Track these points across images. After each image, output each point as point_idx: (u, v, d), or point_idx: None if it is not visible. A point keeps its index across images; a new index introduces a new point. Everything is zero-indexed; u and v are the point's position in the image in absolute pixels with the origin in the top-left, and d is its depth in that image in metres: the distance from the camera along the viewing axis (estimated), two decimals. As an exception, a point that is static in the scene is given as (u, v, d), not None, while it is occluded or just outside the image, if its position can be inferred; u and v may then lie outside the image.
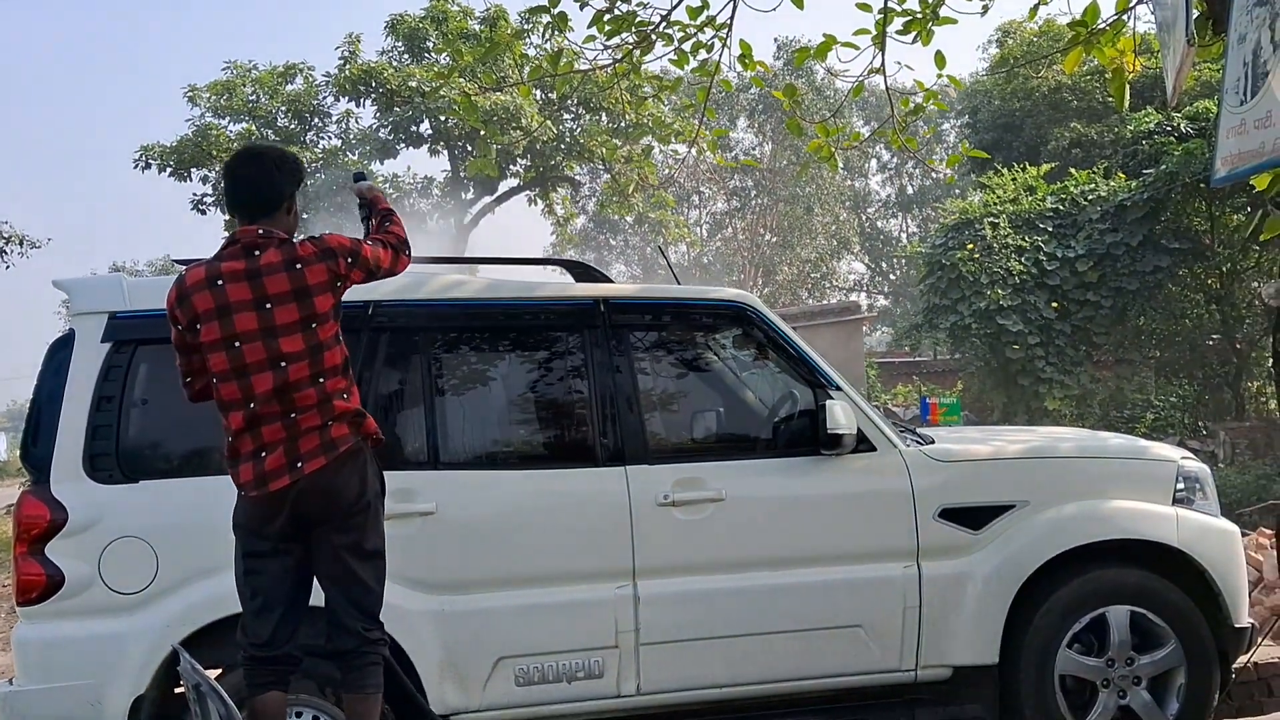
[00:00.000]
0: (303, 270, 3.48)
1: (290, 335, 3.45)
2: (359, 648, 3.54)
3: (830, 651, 4.38)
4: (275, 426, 3.45)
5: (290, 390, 3.44)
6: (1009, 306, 15.66)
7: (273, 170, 3.63)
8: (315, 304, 3.48)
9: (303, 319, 3.47)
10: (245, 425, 3.47)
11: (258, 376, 3.44)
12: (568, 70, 7.47)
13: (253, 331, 3.44)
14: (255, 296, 3.45)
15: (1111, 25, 6.46)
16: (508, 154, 17.74)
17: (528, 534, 4.20)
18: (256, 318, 3.44)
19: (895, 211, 44.13)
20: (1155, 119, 16.73)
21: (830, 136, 7.24)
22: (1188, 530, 4.62)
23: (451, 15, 18.33)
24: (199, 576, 3.94)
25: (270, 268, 3.47)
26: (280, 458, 3.44)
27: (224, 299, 3.45)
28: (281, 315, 3.45)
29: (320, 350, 3.49)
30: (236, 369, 3.45)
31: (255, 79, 18.43)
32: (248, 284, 3.46)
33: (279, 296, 3.45)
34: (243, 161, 3.71)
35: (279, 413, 3.45)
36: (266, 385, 3.44)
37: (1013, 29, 25.31)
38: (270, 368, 3.44)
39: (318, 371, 3.48)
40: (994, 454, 4.73)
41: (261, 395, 3.44)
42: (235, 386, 3.46)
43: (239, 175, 3.66)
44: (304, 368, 3.46)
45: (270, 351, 3.44)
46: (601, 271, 4.88)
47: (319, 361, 3.48)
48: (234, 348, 3.45)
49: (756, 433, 4.76)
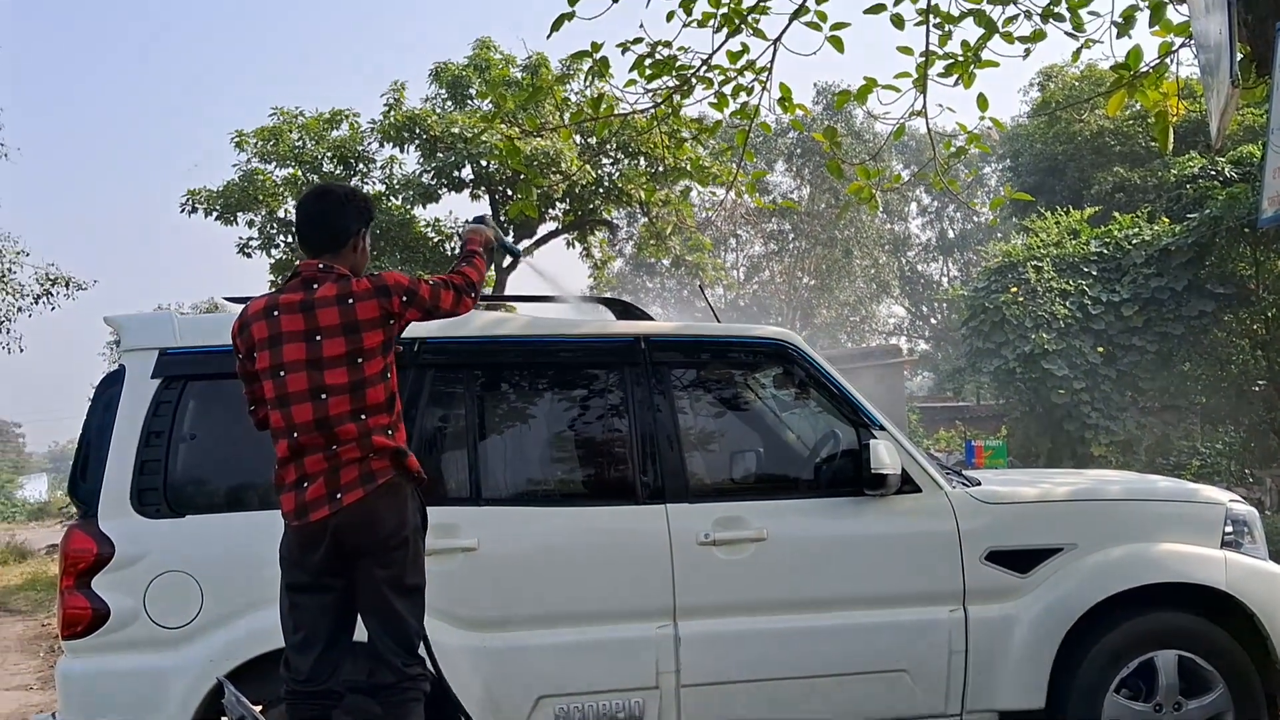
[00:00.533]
0: (354, 305, 3.55)
1: (335, 368, 3.50)
2: (399, 683, 3.54)
3: (874, 696, 4.32)
4: (317, 457, 3.50)
5: (331, 423, 3.49)
6: (1054, 350, 15.51)
7: (339, 207, 3.74)
8: (363, 339, 3.54)
9: (349, 353, 3.52)
10: (290, 454, 3.53)
11: (298, 406, 3.50)
12: (608, 114, 7.56)
13: (298, 361, 3.51)
14: (306, 328, 3.53)
15: (1154, 69, 6.46)
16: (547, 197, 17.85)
17: (568, 572, 4.19)
18: (304, 348, 3.51)
19: (936, 255, 43.97)
20: (1199, 163, 16.61)
21: (871, 179, 7.25)
22: (1236, 574, 4.54)
23: (494, 63, 18.57)
24: (243, 611, 3.95)
25: (323, 301, 3.55)
26: (320, 488, 3.48)
27: (277, 328, 3.54)
28: (329, 348, 3.51)
29: (363, 386, 3.53)
30: (280, 397, 3.52)
31: (301, 125, 18.70)
32: (301, 315, 3.54)
33: (328, 329, 3.52)
34: (312, 198, 3.83)
35: (321, 444, 3.50)
36: (306, 416, 3.49)
37: (1054, 73, 25.30)
38: (310, 399, 3.49)
39: (359, 407, 3.51)
40: (1041, 496, 4.68)
41: (301, 425, 3.49)
42: (279, 415, 3.53)
43: (306, 211, 3.77)
44: (344, 402, 3.50)
45: (312, 382, 3.49)
46: (642, 309, 4.89)
47: (361, 397, 3.52)
48: (279, 376, 3.52)
49: (798, 472, 4.74)
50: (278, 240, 18.68)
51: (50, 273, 18.16)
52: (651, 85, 7.05)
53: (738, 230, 37.53)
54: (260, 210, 18.32)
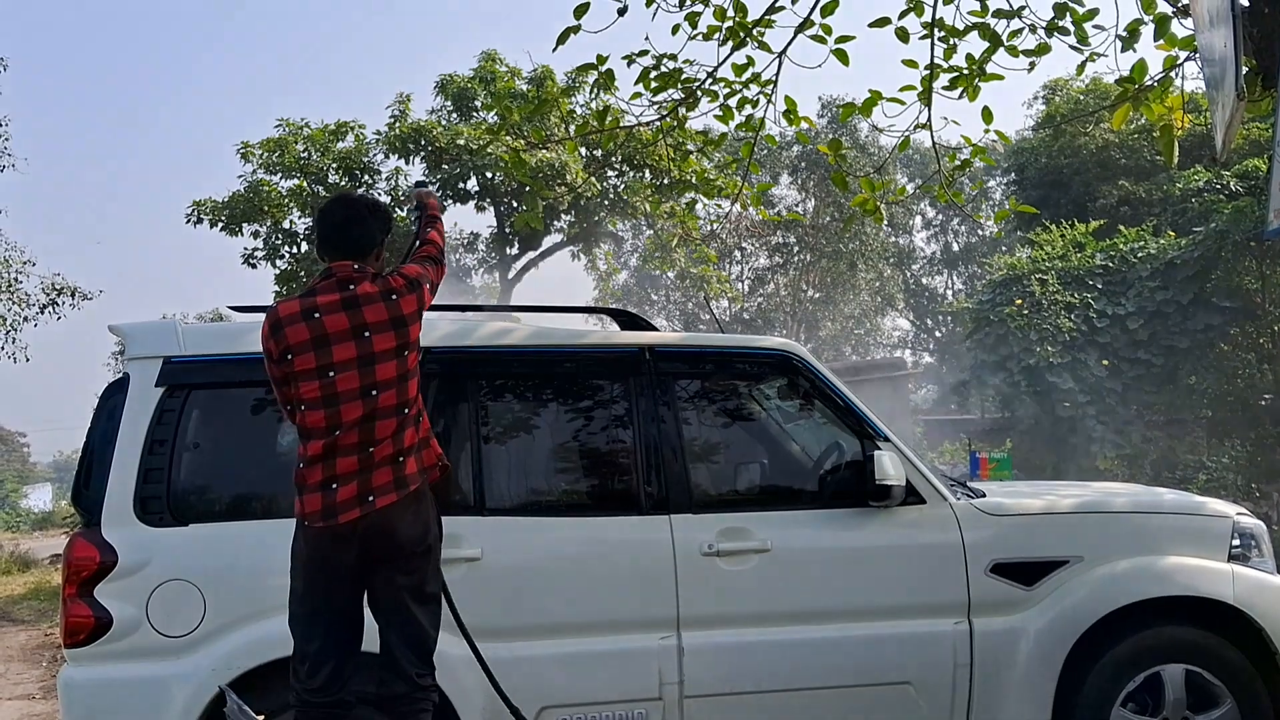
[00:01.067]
0: (398, 300, 3.62)
1: (385, 362, 3.56)
2: (411, 693, 3.54)
3: (878, 708, 4.30)
4: (350, 459, 3.51)
5: (376, 417, 3.52)
6: (1059, 364, 15.49)
7: (367, 216, 3.78)
8: (409, 333, 3.63)
9: (398, 346, 3.59)
10: (322, 454, 3.51)
11: (348, 405, 3.51)
12: (614, 126, 7.57)
13: (349, 360, 3.53)
14: (353, 325, 3.55)
15: (1159, 82, 6.45)
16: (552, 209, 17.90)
17: (572, 582, 4.18)
18: (355, 345, 3.54)
19: (940, 268, 43.94)
20: (1205, 177, 16.62)
21: (875, 191, 7.25)
22: (1244, 587, 4.52)
23: (499, 75, 18.66)
24: (246, 621, 3.94)
25: (368, 297, 3.59)
26: (353, 489, 3.49)
27: (321, 330, 3.55)
28: (380, 343, 3.56)
29: (406, 379, 3.60)
30: (327, 397, 3.52)
31: (307, 136, 18.78)
32: (345, 314, 3.56)
33: (377, 325, 3.57)
34: (338, 206, 3.85)
35: (357, 443, 3.51)
36: (355, 414, 3.51)
37: (1059, 86, 25.33)
38: (361, 396, 3.52)
39: (403, 401, 3.58)
40: (1047, 508, 4.66)
41: (348, 424, 3.50)
42: (322, 414, 3.53)
43: (334, 218, 3.78)
44: (392, 396, 3.55)
45: (364, 380, 3.53)
46: (647, 320, 4.89)
47: (405, 390, 3.59)
48: (328, 377, 3.52)
49: (802, 483, 4.73)
50: (283, 251, 18.73)
51: (56, 282, 18.20)
52: (657, 98, 7.07)
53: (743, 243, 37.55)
54: (265, 221, 18.37)
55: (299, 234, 18.39)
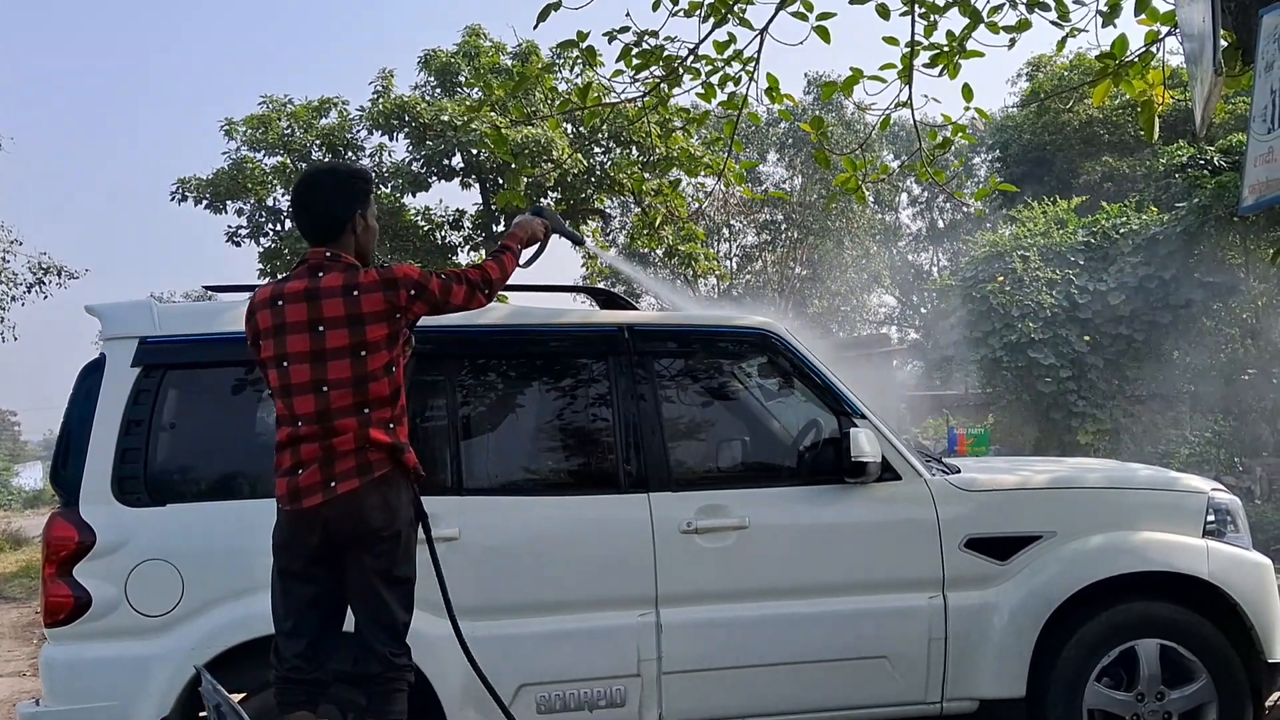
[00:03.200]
0: (359, 297, 3.50)
1: (338, 360, 3.47)
2: (385, 672, 3.54)
3: (854, 682, 4.34)
4: (313, 446, 3.48)
5: (331, 416, 3.47)
6: (1040, 339, 15.55)
7: (328, 196, 3.65)
8: (367, 332, 3.49)
9: (352, 345, 3.48)
10: (288, 441, 3.51)
11: (300, 398, 3.48)
12: (596, 103, 7.54)
13: (302, 354, 3.48)
14: (309, 318, 3.49)
15: (1140, 57, 6.45)
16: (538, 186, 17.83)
17: (550, 560, 4.20)
18: (308, 339, 3.48)
19: (926, 245, 43.98)
20: (1188, 152, 16.64)
21: (858, 170, 7.24)
22: (1219, 563, 4.56)
23: (484, 50, 18.52)
24: (225, 600, 3.96)
25: (328, 291, 3.50)
26: (315, 475, 3.46)
27: (281, 318, 3.51)
28: (332, 340, 3.48)
29: (366, 380, 3.49)
30: (283, 387, 3.50)
31: (290, 113, 18.65)
32: (305, 305, 3.50)
33: (331, 321, 3.48)
34: (304, 186, 3.74)
35: (318, 434, 3.48)
36: (308, 408, 3.47)
37: (1043, 63, 25.31)
38: (312, 390, 3.47)
39: (361, 401, 3.48)
40: (1021, 484, 4.70)
41: (303, 416, 3.48)
42: (282, 404, 3.52)
43: (300, 202, 3.69)
44: (347, 395, 3.47)
45: (314, 375, 3.47)
46: (626, 299, 4.89)
47: (364, 391, 3.49)
48: (283, 367, 3.50)
49: (781, 460, 4.75)
50: (267, 229, 18.65)
51: (43, 261, 18.13)
52: (639, 76, 7.03)
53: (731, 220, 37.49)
54: (249, 198, 18.29)
55: (282, 211, 18.32)
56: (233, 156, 18.41)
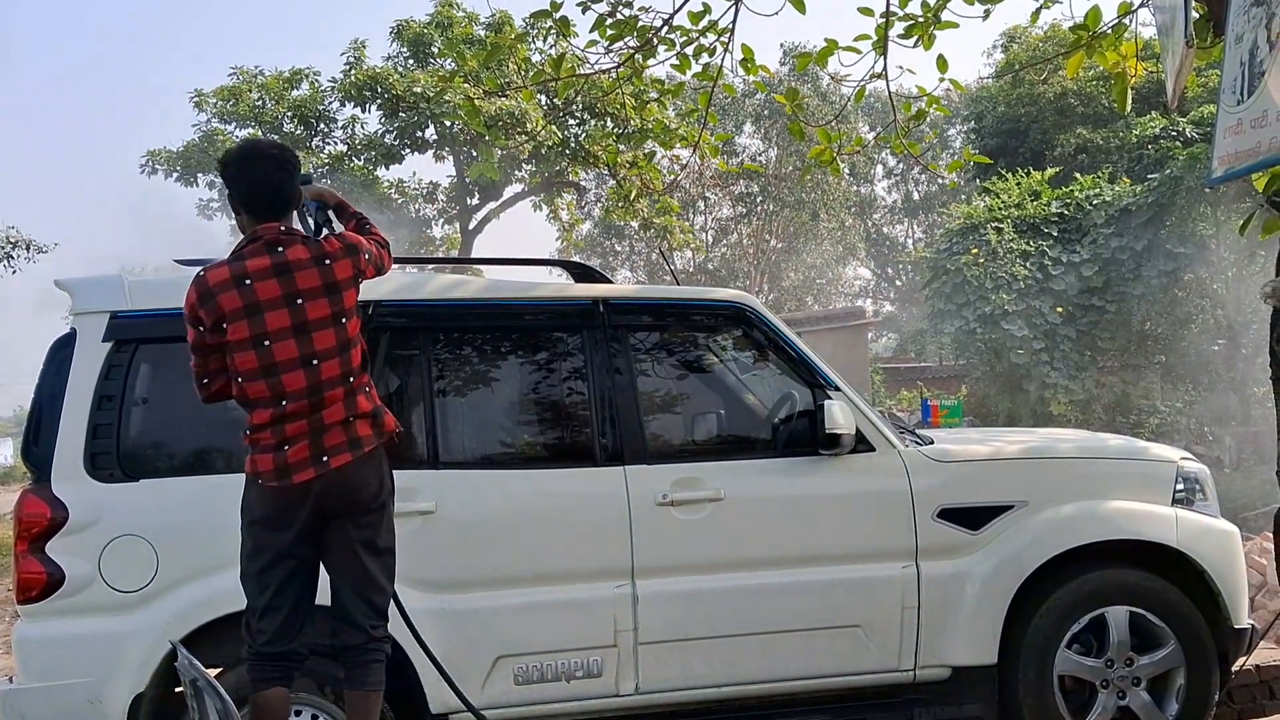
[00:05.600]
0: (331, 265, 3.52)
1: (322, 331, 3.47)
2: (364, 644, 3.56)
3: (829, 651, 4.38)
4: (300, 423, 3.47)
5: (322, 388, 3.47)
6: (1013, 311, 15.65)
7: (287, 169, 3.62)
8: (344, 299, 3.52)
9: (334, 314, 3.50)
10: (270, 421, 3.47)
11: (289, 375, 3.45)
12: (570, 74, 7.49)
13: (284, 329, 3.45)
14: (286, 293, 3.46)
15: (1113, 29, 6.46)
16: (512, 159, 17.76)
17: (527, 533, 4.21)
18: (289, 314, 3.45)
19: (901, 217, 44.04)
20: (1160, 124, 16.74)
21: (833, 142, 7.23)
22: (1187, 531, 4.62)
23: (457, 21, 18.40)
24: (199, 575, 3.95)
25: (300, 263, 3.48)
26: (304, 450, 3.46)
27: (253, 297, 3.45)
28: (313, 310, 3.47)
29: (349, 347, 3.53)
30: (266, 367, 3.45)
31: (261, 84, 18.50)
32: (277, 280, 3.46)
33: (310, 292, 3.47)
34: (251, 160, 3.64)
35: (306, 409, 3.47)
36: (299, 383, 3.45)
37: (1018, 34, 25.29)
38: (302, 365, 3.45)
39: (347, 370, 3.51)
40: (993, 454, 4.73)
41: (292, 393, 3.45)
42: (264, 385, 3.46)
43: (254, 176, 3.58)
44: (335, 365, 3.48)
45: (302, 349, 3.45)
46: (601, 272, 4.89)
47: (348, 359, 3.52)
48: (264, 346, 3.45)
49: (755, 433, 4.76)
50: (239, 201, 18.47)
51: (10, 235, 17.88)
52: (613, 46, 6.98)
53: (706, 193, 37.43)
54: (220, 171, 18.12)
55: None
56: (203, 129, 18.24)
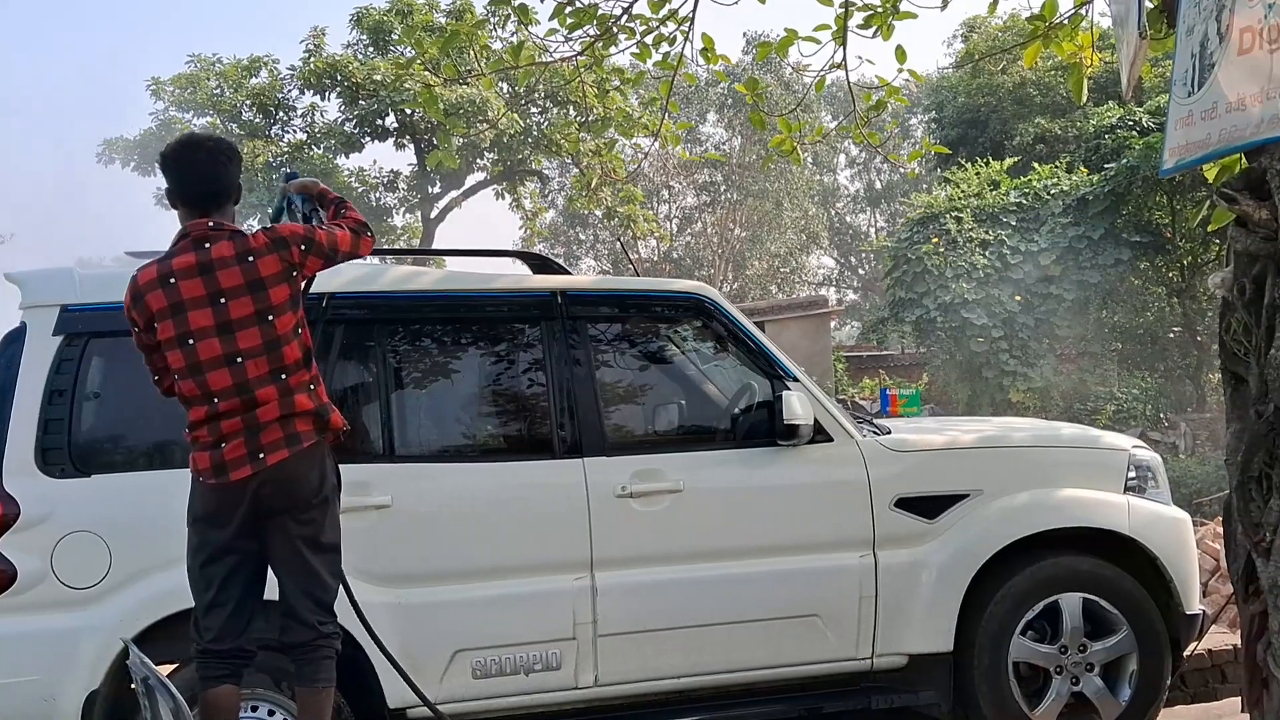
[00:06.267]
0: (255, 263, 3.44)
1: (246, 329, 3.41)
2: (313, 640, 3.52)
3: (787, 641, 4.40)
4: (235, 421, 3.42)
5: (250, 386, 3.41)
6: (973, 300, 15.76)
7: (224, 161, 3.57)
8: (270, 296, 3.44)
9: (258, 312, 3.42)
10: (205, 419, 3.44)
11: (213, 374, 3.41)
12: (529, 62, 7.45)
13: (207, 328, 3.40)
14: (209, 292, 3.41)
15: (1070, 20, 6.51)
16: (474, 147, 17.68)
17: (484, 527, 4.20)
18: (211, 313, 3.40)
19: (864, 206, 44.23)
20: (1117, 113, 16.88)
21: (793, 131, 7.25)
22: (1139, 518, 4.68)
23: (417, 8, 18.27)
24: (153, 571, 3.90)
25: (223, 261, 3.42)
26: (240, 447, 3.42)
27: (177, 296, 3.41)
28: (236, 309, 3.41)
29: (278, 344, 3.45)
30: (191, 366, 3.42)
31: (219, 72, 18.30)
32: (200, 279, 3.41)
33: (233, 290, 3.41)
34: (191, 153, 3.58)
35: (239, 407, 3.42)
36: (224, 382, 3.41)
37: (977, 24, 25.44)
38: (226, 364, 3.40)
39: (277, 367, 3.44)
40: (948, 444, 4.77)
41: (220, 391, 3.41)
42: (194, 384, 3.43)
43: (187, 168, 3.54)
44: (262, 364, 3.42)
45: (226, 348, 3.40)
46: (559, 263, 4.87)
47: (278, 356, 3.44)
48: (188, 345, 3.41)
49: (715, 424, 4.78)
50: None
51: (-37, 227, 17.62)
52: (573, 35, 6.96)
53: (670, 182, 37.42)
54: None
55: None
56: (160, 117, 18.03)
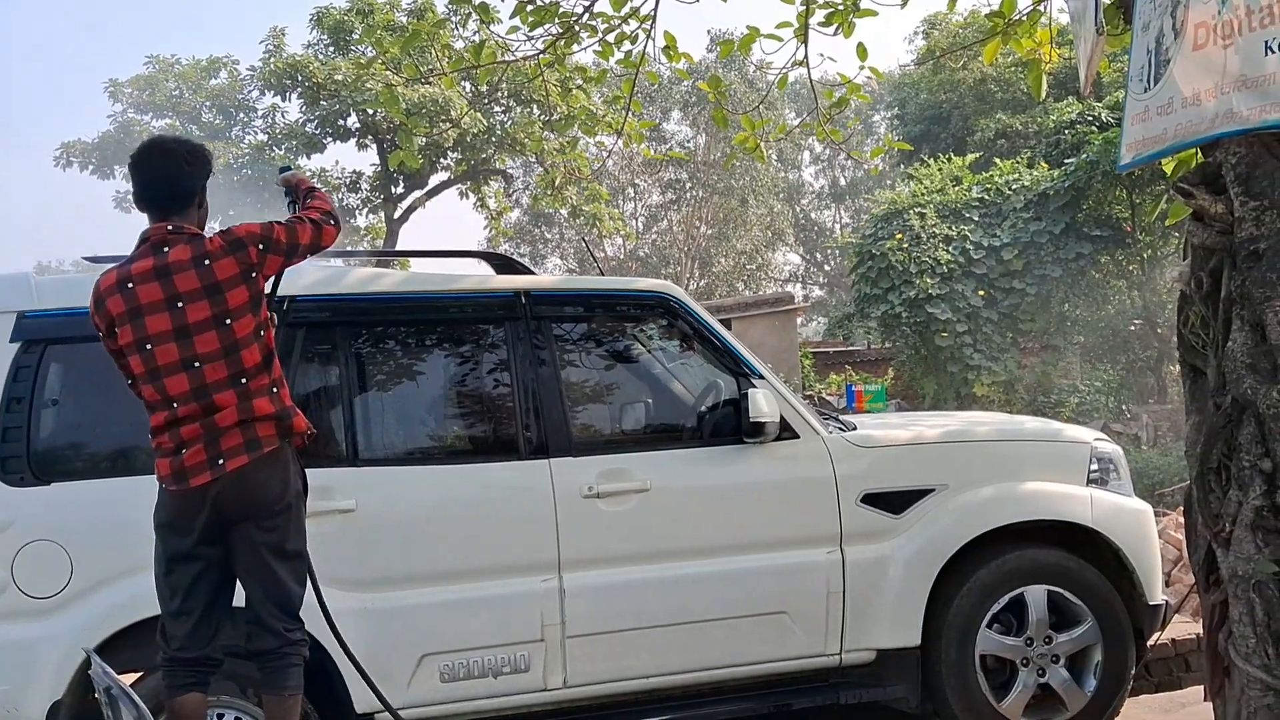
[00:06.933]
0: (211, 266, 3.41)
1: (204, 334, 3.39)
2: (279, 648, 3.50)
3: (756, 638, 4.41)
4: (194, 427, 3.40)
5: (208, 391, 3.38)
6: (937, 295, 15.87)
7: (183, 164, 3.55)
8: (228, 300, 3.41)
9: (215, 316, 3.40)
10: (165, 424, 3.42)
11: (171, 379, 3.38)
12: (490, 61, 7.42)
13: (165, 333, 3.38)
14: (166, 296, 3.39)
15: (1029, 16, 6.56)
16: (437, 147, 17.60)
17: (451, 529, 4.18)
18: (169, 317, 3.38)
19: (829, 203, 44.44)
20: (1077, 109, 17.05)
21: (756, 129, 7.26)
22: (1101, 510, 4.72)
23: (378, 8, 18.16)
24: (115, 579, 3.86)
25: (179, 265, 3.40)
26: (200, 454, 3.39)
27: (135, 301, 3.39)
28: (194, 313, 3.38)
29: (237, 348, 3.42)
30: (150, 371, 3.40)
31: (178, 73, 18.15)
32: (158, 283, 3.39)
33: (190, 294, 3.38)
34: (151, 156, 3.58)
35: (198, 412, 3.39)
36: (182, 387, 3.38)
37: (938, 21, 25.62)
38: (184, 369, 3.38)
39: (237, 372, 3.41)
40: (914, 439, 4.79)
41: (179, 396, 3.38)
42: (153, 389, 3.41)
43: (148, 171, 3.54)
44: (220, 368, 3.39)
45: (184, 352, 3.38)
46: (523, 263, 4.85)
47: (237, 360, 3.42)
48: (146, 350, 3.39)
49: (681, 423, 4.78)
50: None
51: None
52: (534, 33, 6.93)
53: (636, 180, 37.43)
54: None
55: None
56: (119, 119, 17.83)
